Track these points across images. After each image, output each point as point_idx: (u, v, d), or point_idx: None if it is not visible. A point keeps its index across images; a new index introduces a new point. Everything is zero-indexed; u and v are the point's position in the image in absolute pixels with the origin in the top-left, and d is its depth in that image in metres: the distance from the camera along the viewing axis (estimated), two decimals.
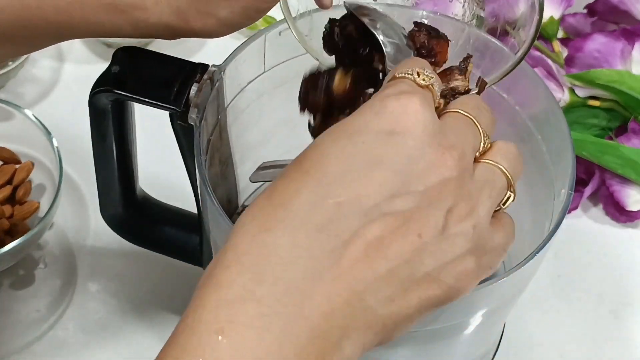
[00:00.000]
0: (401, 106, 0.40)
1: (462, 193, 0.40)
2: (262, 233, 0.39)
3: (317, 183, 0.39)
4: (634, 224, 0.78)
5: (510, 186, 0.43)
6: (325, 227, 0.38)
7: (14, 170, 0.74)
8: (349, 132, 0.40)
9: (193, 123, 0.55)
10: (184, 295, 0.71)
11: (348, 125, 0.40)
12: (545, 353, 0.71)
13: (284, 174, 0.41)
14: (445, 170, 0.40)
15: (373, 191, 0.39)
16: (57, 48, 0.86)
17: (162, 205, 0.67)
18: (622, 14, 0.82)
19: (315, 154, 0.40)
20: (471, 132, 0.42)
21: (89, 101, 0.57)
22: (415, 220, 0.39)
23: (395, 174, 0.39)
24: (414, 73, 0.42)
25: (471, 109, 0.43)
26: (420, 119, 0.40)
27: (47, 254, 0.73)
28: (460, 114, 0.43)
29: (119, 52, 0.57)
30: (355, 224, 0.38)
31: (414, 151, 0.39)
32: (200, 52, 0.87)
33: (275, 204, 0.39)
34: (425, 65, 0.43)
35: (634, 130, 0.77)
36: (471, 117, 0.43)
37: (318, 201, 0.39)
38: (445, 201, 0.40)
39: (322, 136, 0.41)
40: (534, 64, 0.79)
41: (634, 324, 0.73)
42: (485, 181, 0.42)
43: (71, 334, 0.69)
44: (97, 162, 0.62)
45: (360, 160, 0.39)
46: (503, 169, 0.43)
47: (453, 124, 0.42)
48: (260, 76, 0.61)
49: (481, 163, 0.42)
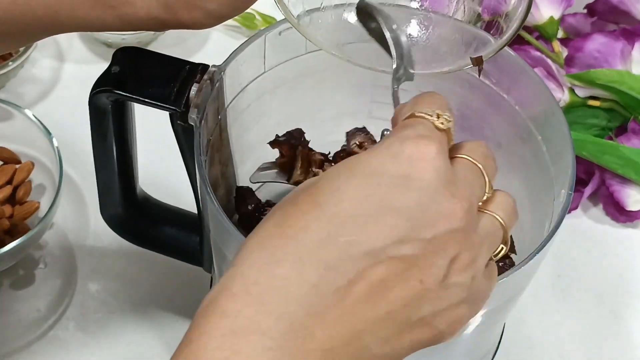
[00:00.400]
0: (419, 152, 0.40)
1: (466, 244, 0.41)
2: (272, 264, 0.39)
3: (329, 220, 0.39)
4: (634, 224, 0.78)
5: (504, 239, 0.44)
6: (333, 266, 0.39)
7: (14, 170, 0.74)
8: (366, 172, 0.40)
9: (193, 123, 0.55)
10: (184, 295, 0.71)
11: (365, 163, 0.41)
12: (545, 353, 0.71)
13: (296, 202, 0.41)
14: (455, 220, 0.40)
15: (383, 235, 0.39)
16: (57, 48, 0.86)
17: (162, 205, 0.67)
18: (622, 14, 0.82)
19: (330, 188, 0.40)
20: (479, 183, 0.43)
21: (89, 101, 0.57)
22: (419, 266, 0.39)
23: (406, 220, 0.39)
24: (434, 115, 0.42)
25: (480, 157, 0.43)
26: (436, 166, 0.40)
27: (47, 254, 0.73)
28: (471, 163, 0.43)
29: (119, 52, 0.57)
30: (362, 265, 0.39)
31: (426, 199, 0.40)
32: (200, 52, 0.87)
33: (287, 235, 0.40)
34: (444, 105, 0.43)
35: (634, 130, 0.77)
36: (480, 166, 0.43)
37: (329, 239, 0.39)
38: (451, 250, 0.40)
39: (339, 169, 0.41)
40: (534, 64, 0.79)
41: (634, 324, 0.73)
42: (487, 233, 0.43)
43: (71, 334, 0.69)
44: (97, 162, 0.62)
45: (374, 202, 0.40)
46: (502, 222, 0.43)
47: (464, 174, 0.42)
48: (260, 76, 0.61)
49: (484, 214, 0.43)
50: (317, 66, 0.63)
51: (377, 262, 0.39)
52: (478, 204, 0.43)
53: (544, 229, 0.57)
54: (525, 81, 0.60)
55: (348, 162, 0.41)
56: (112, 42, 0.85)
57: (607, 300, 0.74)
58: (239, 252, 0.40)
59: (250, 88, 0.61)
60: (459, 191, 0.41)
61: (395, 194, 0.40)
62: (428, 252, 0.40)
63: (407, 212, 0.40)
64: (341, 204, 0.40)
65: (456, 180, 0.41)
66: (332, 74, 0.65)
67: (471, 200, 0.41)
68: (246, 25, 0.87)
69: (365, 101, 0.67)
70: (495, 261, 0.44)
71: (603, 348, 0.71)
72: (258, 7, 0.87)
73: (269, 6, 0.89)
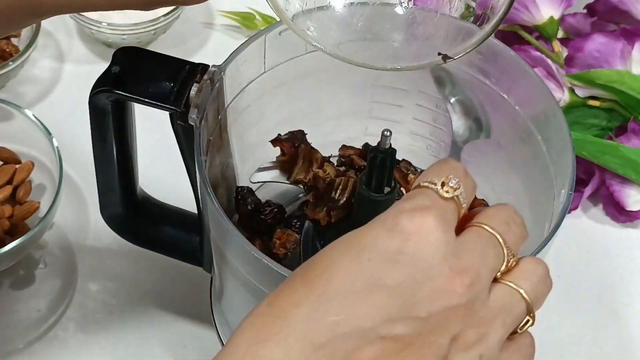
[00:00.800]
0: (414, 226, 0.39)
1: (470, 320, 0.39)
2: (258, 344, 0.38)
3: (318, 298, 0.38)
4: (634, 224, 0.78)
5: (529, 311, 0.41)
6: (320, 346, 0.37)
7: (14, 170, 0.74)
8: (358, 248, 0.39)
9: (193, 123, 0.55)
10: (184, 295, 0.71)
11: (359, 238, 0.39)
12: (545, 353, 0.71)
13: (290, 279, 0.40)
14: (453, 296, 0.38)
15: (372, 313, 0.38)
16: (57, 48, 0.86)
17: (162, 205, 0.67)
18: (622, 14, 0.82)
19: (322, 264, 0.39)
20: (493, 253, 0.40)
21: (89, 101, 0.57)
22: (416, 346, 0.38)
23: (397, 297, 0.38)
24: (438, 183, 0.40)
25: (499, 224, 0.41)
26: (432, 240, 0.38)
27: (47, 254, 0.73)
28: (484, 231, 0.41)
29: (119, 52, 0.57)
30: (351, 345, 0.37)
31: (420, 275, 0.38)
32: (200, 52, 0.87)
33: (275, 314, 0.39)
34: (457, 171, 0.41)
35: (634, 130, 0.77)
36: (496, 234, 0.41)
37: (316, 318, 0.38)
38: (451, 328, 0.38)
39: (334, 244, 0.40)
40: (534, 64, 0.79)
41: (634, 324, 0.73)
42: (501, 307, 0.40)
43: (71, 334, 0.69)
44: (97, 162, 0.62)
45: (363, 279, 0.38)
46: (523, 294, 0.41)
47: (472, 244, 0.40)
48: (260, 76, 0.61)
49: (500, 284, 0.41)
50: (317, 66, 0.63)
51: (368, 342, 0.37)
52: (494, 275, 0.40)
53: (544, 229, 0.57)
54: (525, 81, 0.60)
55: (344, 238, 0.40)
56: (112, 42, 0.85)
57: (607, 300, 0.74)
58: (235, 330, 0.39)
59: (250, 88, 0.61)
60: (461, 264, 0.39)
61: (386, 270, 0.38)
62: (425, 331, 0.38)
63: (398, 289, 0.38)
64: (331, 281, 0.38)
65: (460, 252, 0.39)
66: (332, 74, 0.65)
67: (479, 271, 0.39)
68: (246, 25, 0.87)
69: (365, 101, 0.67)
70: (521, 332, 0.41)
71: (603, 348, 0.71)
72: (258, 7, 0.87)
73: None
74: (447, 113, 0.64)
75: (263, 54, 0.60)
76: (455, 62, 0.51)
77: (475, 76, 0.61)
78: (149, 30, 0.83)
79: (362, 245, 0.39)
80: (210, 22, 0.89)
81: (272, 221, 0.64)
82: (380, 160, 0.57)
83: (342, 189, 0.61)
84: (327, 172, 0.63)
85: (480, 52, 0.61)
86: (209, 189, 0.53)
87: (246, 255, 0.52)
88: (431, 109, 0.66)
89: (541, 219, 0.59)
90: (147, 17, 0.83)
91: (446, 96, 0.48)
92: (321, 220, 0.62)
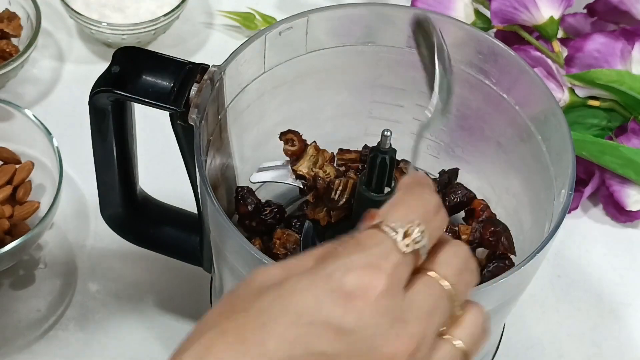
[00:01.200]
0: (360, 289, 0.36)
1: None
2: None
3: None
4: (634, 224, 0.78)
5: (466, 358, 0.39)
6: None
7: (14, 170, 0.74)
8: (298, 309, 0.36)
9: (193, 123, 0.55)
10: (184, 295, 0.71)
11: (299, 297, 0.36)
12: (545, 353, 0.71)
13: (223, 329, 0.37)
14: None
15: None
16: (57, 48, 0.86)
17: (162, 205, 0.67)
18: (622, 14, 0.82)
19: (258, 321, 0.36)
20: (441, 309, 0.38)
21: (89, 101, 0.57)
22: None
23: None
24: (400, 233, 0.37)
25: (452, 274, 0.38)
26: (379, 307, 0.36)
27: (47, 254, 0.73)
28: (436, 284, 0.38)
29: (119, 52, 0.57)
30: None
31: (362, 343, 0.35)
32: (200, 52, 0.87)
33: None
34: (426, 206, 0.38)
35: (634, 130, 0.77)
36: (446, 286, 0.38)
37: None
38: None
39: (272, 300, 0.36)
40: (534, 64, 0.79)
41: (634, 324, 0.73)
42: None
43: (71, 334, 0.69)
44: (97, 162, 0.62)
45: (301, 347, 0.35)
46: (462, 349, 0.39)
47: (421, 301, 0.37)
48: (260, 76, 0.61)
49: (442, 342, 0.38)
50: (317, 66, 0.63)
51: None
52: (438, 331, 0.38)
53: (544, 229, 0.57)
54: (525, 81, 0.60)
55: (282, 291, 0.36)
56: (112, 42, 0.85)
57: (607, 300, 0.74)
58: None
59: (250, 88, 0.61)
60: (408, 330, 0.36)
61: (327, 338, 0.35)
62: None
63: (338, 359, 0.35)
64: (267, 343, 0.35)
65: (407, 316, 0.37)
66: (332, 74, 0.65)
67: (425, 333, 0.37)
68: (246, 25, 0.87)
69: (365, 101, 0.67)
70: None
71: (603, 348, 0.71)
72: (258, 7, 0.87)
73: (269, 6, 0.89)
74: None
75: (263, 54, 0.60)
76: (455, 62, 0.51)
77: (475, 76, 0.61)
78: (149, 30, 0.83)
79: (302, 305, 0.36)
80: (210, 22, 0.89)
81: (272, 221, 0.64)
82: (381, 160, 0.57)
83: (341, 190, 0.61)
84: (327, 172, 0.63)
85: (480, 52, 0.61)
86: (209, 189, 0.53)
87: (246, 256, 0.52)
88: None
89: (541, 219, 0.59)
90: (147, 17, 0.83)
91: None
92: (321, 221, 0.62)
